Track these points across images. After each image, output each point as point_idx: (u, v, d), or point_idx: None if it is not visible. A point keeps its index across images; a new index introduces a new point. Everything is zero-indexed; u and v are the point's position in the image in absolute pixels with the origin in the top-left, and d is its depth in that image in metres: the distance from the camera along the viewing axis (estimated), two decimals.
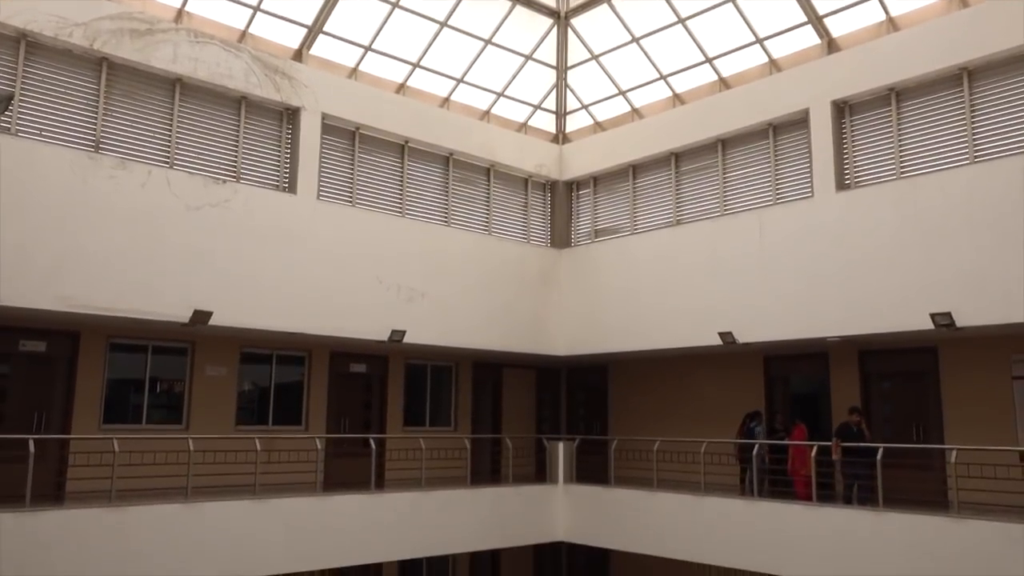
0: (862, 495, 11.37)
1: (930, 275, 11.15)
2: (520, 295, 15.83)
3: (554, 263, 16.67)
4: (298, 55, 13.59)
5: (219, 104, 12.60)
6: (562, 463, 15.17)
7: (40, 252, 10.27)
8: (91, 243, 10.72)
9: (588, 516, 14.69)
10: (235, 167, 12.60)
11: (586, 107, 16.89)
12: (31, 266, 10.17)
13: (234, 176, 12.53)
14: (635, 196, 15.95)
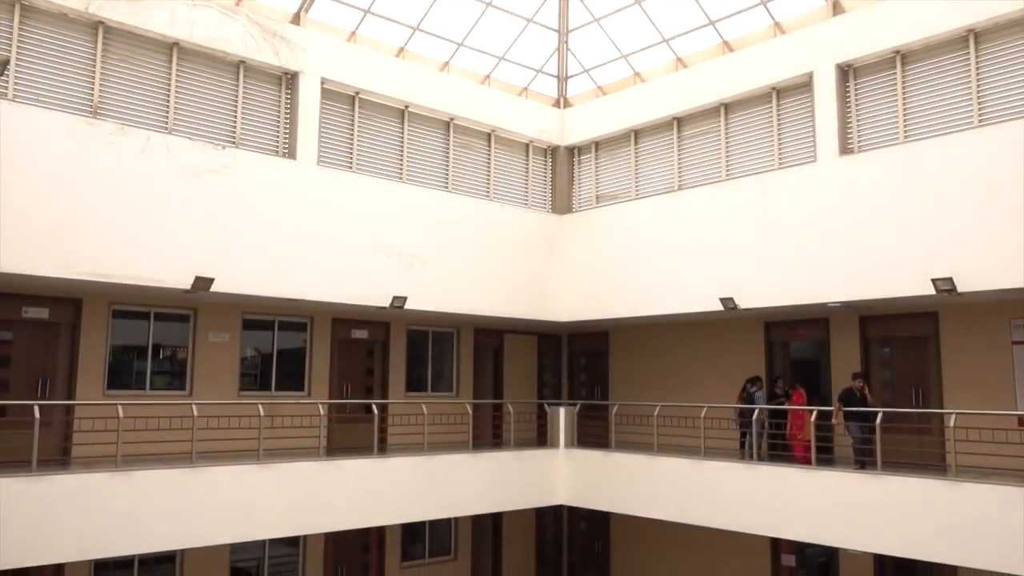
0: (861, 459, 11.47)
1: (932, 240, 11.11)
2: (521, 261, 15.82)
3: (555, 229, 16.62)
4: (296, 19, 13.42)
5: (217, 69, 12.48)
6: (563, 428, 15.28)
7: (40, 219, 10.23)
8: (91, 210, 10.69)
9: (589, 480, 14.84)
10: (234, 133, 12.52)
11: (588, 71, 16.72)
12: (31, 233, 10.14)
13: (233, 142, 12.46)
14: (637, 161, 15.86)
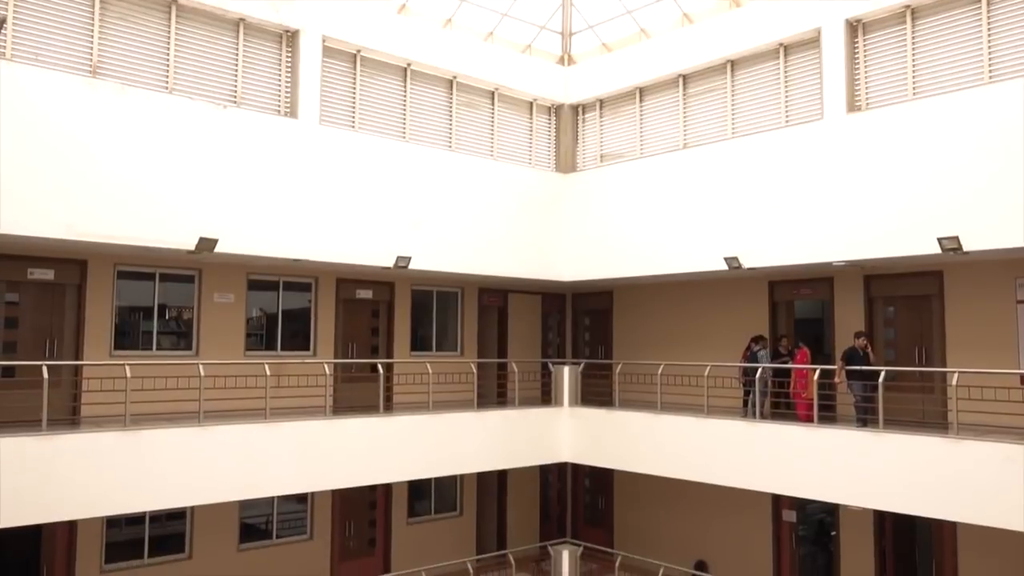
0: (863, 417, 11.55)
1: (939, 199, 11.02)
2: (525, 220, 15.77)
3: (559, 188, 16.54)
4: None
5: (217, 27, 12.31)
6: (567, 386, 15.39)
7: (42, 180, 10.19)
8: (93, 171, 10.64)
9: (592, 438, 14.99)
10: (235, 92, 12.40)
11: (592, 28, 16.47)
12: (34, 194, 10.11)
13: (234, 101, 12.36)
14: (642, 119, 15.71)
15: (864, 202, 11.83)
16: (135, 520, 12.62)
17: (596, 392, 15.62)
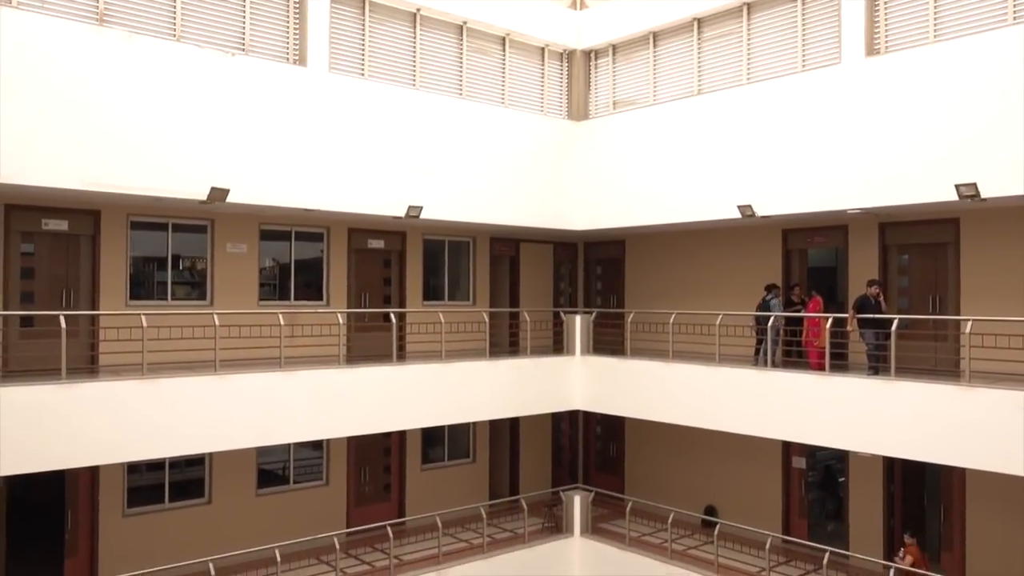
0: (875, 365, 11.56)
1: (957, 145, 10.83)
2: (536, 169, 15.64)
3: (571, 136, 16.36)
4: None
5: None
6: (579, 335, 15.45)
7: (52, 130, 10.14)
8: (103, 120, 10.58)
9: (604, 386, 15.10)
10: (243, 40, 12.25)
11: None
12: (45, 144, 10.08)
13: (243, 49, 12.21)
14: (655, 65, 15.44)
15: (881, 148, 11.64)
16: (156, 466, 12.89)
17: (608, 341, 15.68)
